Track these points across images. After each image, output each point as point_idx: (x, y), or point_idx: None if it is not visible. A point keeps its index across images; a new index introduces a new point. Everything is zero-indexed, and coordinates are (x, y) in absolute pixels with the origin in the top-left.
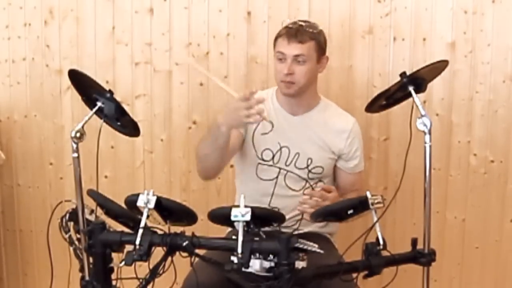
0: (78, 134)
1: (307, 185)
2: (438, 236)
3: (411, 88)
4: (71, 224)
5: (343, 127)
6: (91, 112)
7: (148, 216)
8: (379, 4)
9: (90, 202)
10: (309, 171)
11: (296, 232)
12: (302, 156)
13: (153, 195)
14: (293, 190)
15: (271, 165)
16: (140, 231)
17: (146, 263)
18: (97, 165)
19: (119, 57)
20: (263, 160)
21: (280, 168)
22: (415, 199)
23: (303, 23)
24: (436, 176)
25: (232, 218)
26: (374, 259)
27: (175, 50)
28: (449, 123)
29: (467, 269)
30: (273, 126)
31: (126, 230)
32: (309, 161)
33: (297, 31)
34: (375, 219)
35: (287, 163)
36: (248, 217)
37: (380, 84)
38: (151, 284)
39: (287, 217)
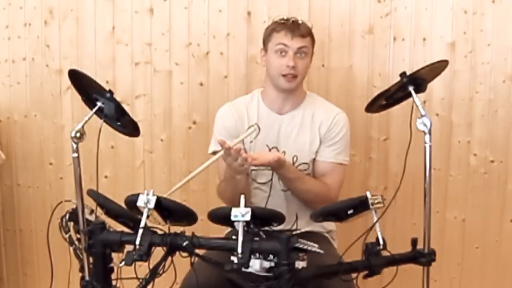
0: (78, 134)
1: None
2: (438, 236)
3: (411, 88)
4: (71, 224)
5: (328, 116)
6: (91, 112)
7: (148, 216)
8: (379, 4)
9: (90, 202)
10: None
11: (295, 232)
12: (288, 154)
13: (153, 195)
14: (286, 190)
15: (263, 169)
16: (140, 231)
17: (146, 263)
18: (97, 165)
19: (119, 57)
20: (254, 165)
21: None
22: (415, 199)
23: (296, 19)
24: (436, 176)
25: (232, 218)
26: (374, 259)
27: (175, 50)
28: (449, 123)
29: (467, 269)
30: (259, 130)
31: (126, 230)
32: (295, 158)
33: (298, 25)
34: (375, 219)
35: None
36: (248, 217)
37: (380, 84)
38: (151, 284)
39: None
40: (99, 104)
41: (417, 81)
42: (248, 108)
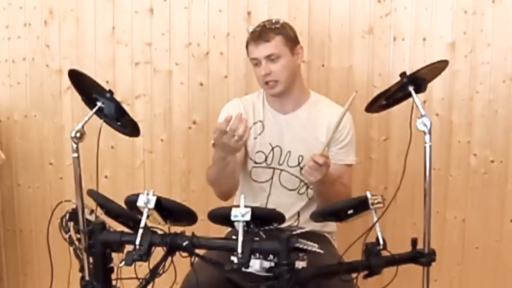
0: (78, 134)
1: (302, 184)
2: (438, 236)
3: (411, 88)
4: (71, 224)
5: (334, 118)
6: (91, 112)
7: (148, 216)
8: (379, 4)
9: (90, 202)
10: (301, 168)
11: (295, 232)
12: (293, 154)
13: (153, 195)
14: (289, 189)
15: (264, 167)
16: (140, 231)
17: (146, 263)
18: (97, 165)
19: (119, 57)
20: (255, 162)
21: (274, 169)
22: (415, 199)
23: (265, 23)
24: (436, 176)
25: (232, 218)
26: (374, 259)
27: (175, 50)
28: (449, 123)
29: (467, 269)
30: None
31: (126, 230)
32: (300, 158)
33: (260, 32)
34: (375, 219)
35: (280, 163)
36: (248, 217)
37: (380, 84)
38: (151, 284)
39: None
40: (99, 104)
41: (417, 81)
42: (255, 106)
